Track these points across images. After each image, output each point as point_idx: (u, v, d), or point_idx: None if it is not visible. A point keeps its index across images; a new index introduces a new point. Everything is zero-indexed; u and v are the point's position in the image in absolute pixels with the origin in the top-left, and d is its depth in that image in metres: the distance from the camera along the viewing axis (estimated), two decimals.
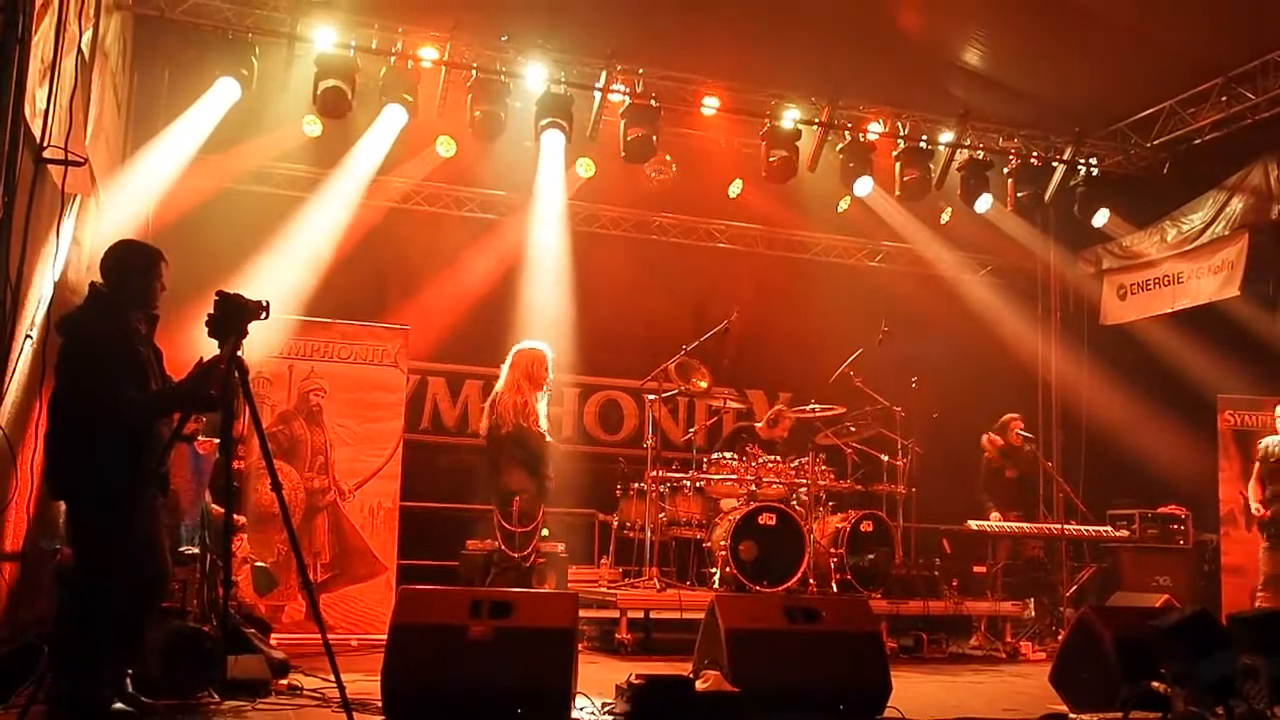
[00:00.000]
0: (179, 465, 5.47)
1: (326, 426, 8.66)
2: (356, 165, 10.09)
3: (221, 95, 8.97)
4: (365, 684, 5.34)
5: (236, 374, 4.83)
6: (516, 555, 7.64)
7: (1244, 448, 9.81)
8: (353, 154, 10.05)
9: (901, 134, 10.88)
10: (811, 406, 9.86)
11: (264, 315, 4.94)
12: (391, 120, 9.65)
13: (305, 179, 10.34)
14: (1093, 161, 11.33)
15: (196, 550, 5.85)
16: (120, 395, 4.69)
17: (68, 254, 6.47)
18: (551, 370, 7.93)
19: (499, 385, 7.84)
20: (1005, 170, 11.30)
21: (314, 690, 5.66)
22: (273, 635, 6.66)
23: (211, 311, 4.87)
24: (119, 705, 4.83)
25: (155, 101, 9.13)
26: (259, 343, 8.00)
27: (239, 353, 4.83)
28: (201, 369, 4.81)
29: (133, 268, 4.98)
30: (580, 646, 5.44)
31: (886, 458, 9.81)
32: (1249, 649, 3.58)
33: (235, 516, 5.51)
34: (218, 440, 5.30)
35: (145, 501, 4.71)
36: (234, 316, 4.83)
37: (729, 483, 9.29)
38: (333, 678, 4.95)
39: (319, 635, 4.87)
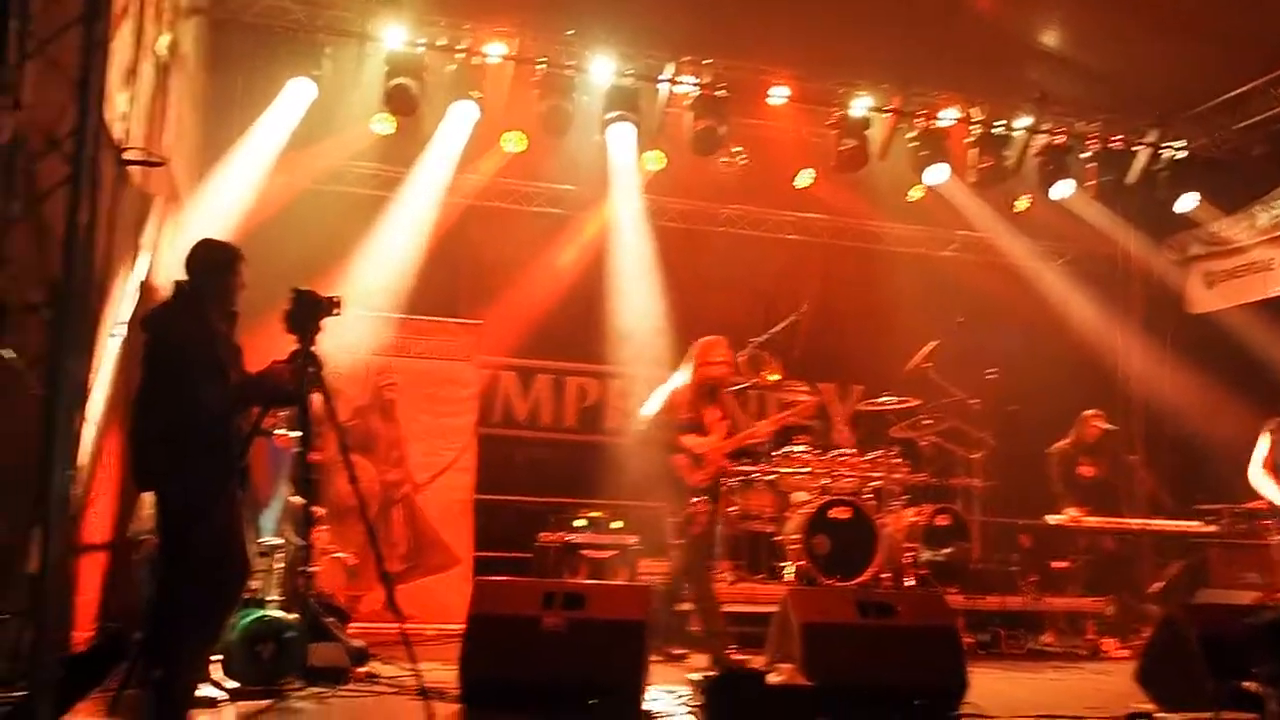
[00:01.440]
0: (258, 459, 5.57)
1: (400, 421, 8.77)
2: (429, 163, 10.15)
3: (297, 96, 9.09)
4: (441, 673, 5.40)
5: (312, 368, 4.90)
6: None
7: None
8: (425, 152, 10.12)
9: (976, 120, 10.70)
10: (883, 399, 9.77)
11: (337, 311, 5.03)
12: (461, 117, 9.71)
13: (380, 177, 10.43)
14: (1177, 145, 11.00)
15: (278, 541, 5.96)
16: (200, 389, 4.78)
17: (151, 254, 6.64)
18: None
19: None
20: (1084, 156, 11.08)
21: (391, 678, 5.74)
22: (351, 625, 6.76)
23: (287, 307, 4.96)
24: (205, 692, 4.93)
25: (231, 104, 9.26)
26: (334, 339, 8.17)
27: (314, 348, 4.91)
28: (277, 364, 4.89)
29: (212, 265, 5.08)
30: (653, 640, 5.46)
31: (962, 451, 9.69)
32: None
33: (314, 508, 5.60)
34: (296, 434, 5.40)
35: (226, 494, 4.80)
36: (309, 312, 4.92)
37: (801, 476, 9.24)
38: (410, 666, 5.03)
39: (396, 625, 4.94)
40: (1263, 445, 7.12)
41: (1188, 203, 11.11)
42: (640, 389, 11.43)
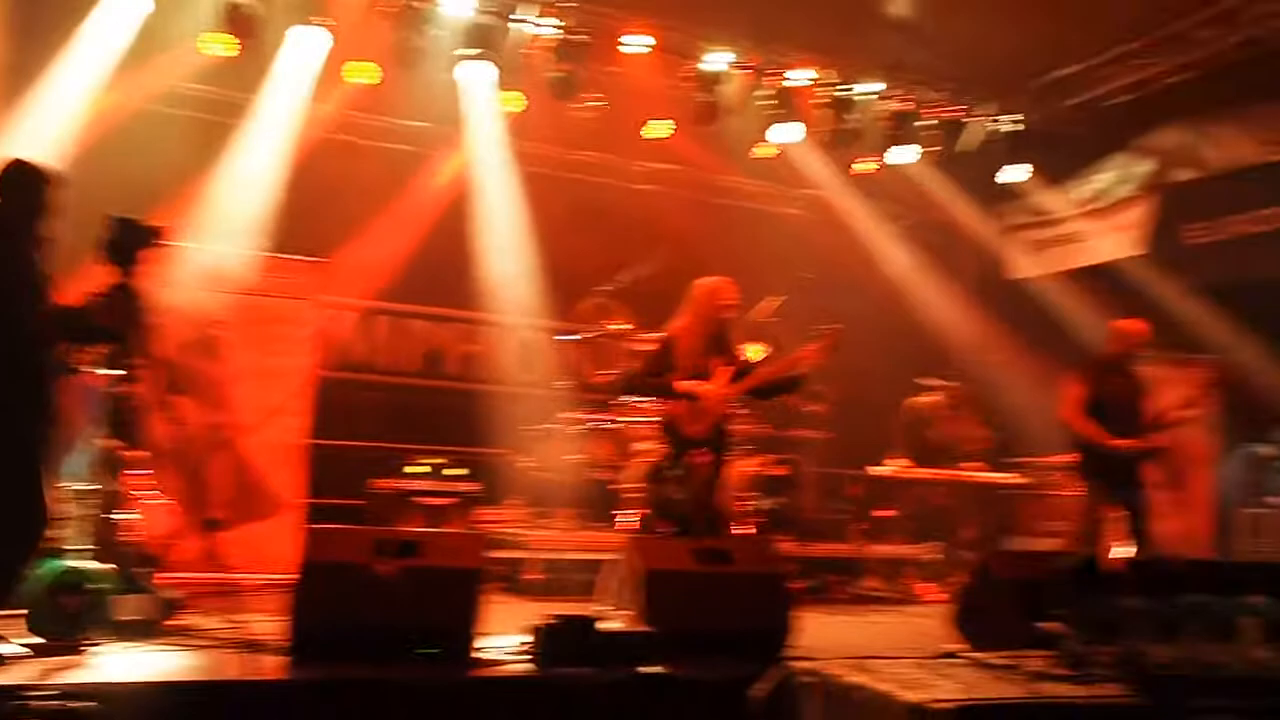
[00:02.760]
0: (68, 398, 5.25)
1: (229, 360, 8.42)
2: (275, 91, 9.74)
3: (125, 6, 8.56)
4: (265, 623, 5.22)
5: (130, 303, 4.65)
6: None
7: None
8: (270, 79, 9.69)
9: (828, 81, 10.86)
10: None
11: (160, 242, 4.77)
12: (308, 44, 9.35)
13: (221, 102, 9.94)
14: (1011, 118, 11.48)
15: (87, 486, 5.64)
16: (17, 308, 4.47)
17: None
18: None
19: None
20: (926, 124, 11.35)
21: (209, 629, 5.52)
22: (170, 574, 6.48)
23: (105, 236, 4.68)
24: (6, 648, 4.67)
25: (47, 15, 8.70)
26: (157, 271, 7.79)
27: (133, 281, 4.65)
28: (93, 297, 4.61)
29: (20, 185, 4.73)
30: (489, 587, 5.38)
31: (803, 404, 9.84)
32: (1135, 591, 3.77)
33: (127, 452, 5.32)
34: (110, 372, 5.12)
35: (31, 434, 4.51)
36: (128, 242, 4.66)
37: (643, 425, 9.24)
38: (230, 617, 4.85)
39: (217, 574, 4.75)
40: (1077, 391, 7.61)
41: (1017, 174, 11.64)
42: (490, 335, 11.37)
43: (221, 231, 9.20)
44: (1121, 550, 7.90)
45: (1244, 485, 11.60)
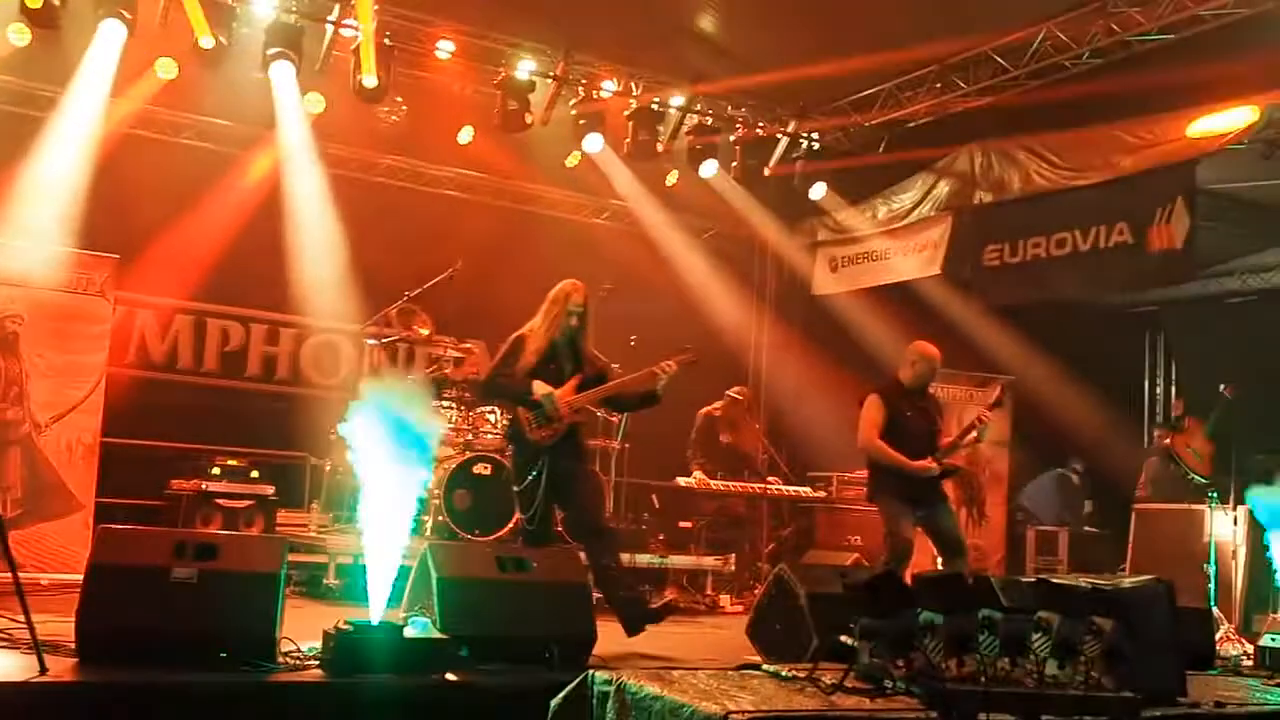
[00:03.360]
0: None
1: (23, 356, 8.16)
2: (77, 84, 9.45)
3: None
4: (58, 625, 5.12)
5: None
6: None
7: None
8: (72, 71, 9.40)
9: (634, 94, 11.09)
10: None
11: None
12: (109, 37, 9.11)
13: (18, 92, 9.70)
14: (814, 136, 11.85)
15: None
16: None
17: None
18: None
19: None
20: (731, 139, 11.69)
21: (1, 630, 5.38)
22: None
23: None
24: None
25: None
26: None
27: None
28: None
29: None
30: (288, 591, 5.37)
31: (601, 413, 10.03)
32: (930, 607, 3.89)
33: None
34: None
35: None
36: None
37: (446, 431, 9.31)
38: (22, 618, 4.76)
39: (7, 574, 4.66)
40: (875, 414, 7.75)
41: (818, 191, 11.95)
42: (293, 336, 11.22)
43: (18, 226, 8.89)
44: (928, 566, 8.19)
45: (1052, 505, 12.30)
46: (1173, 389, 14.07)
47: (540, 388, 6.62)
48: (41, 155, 9.41)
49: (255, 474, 9.17)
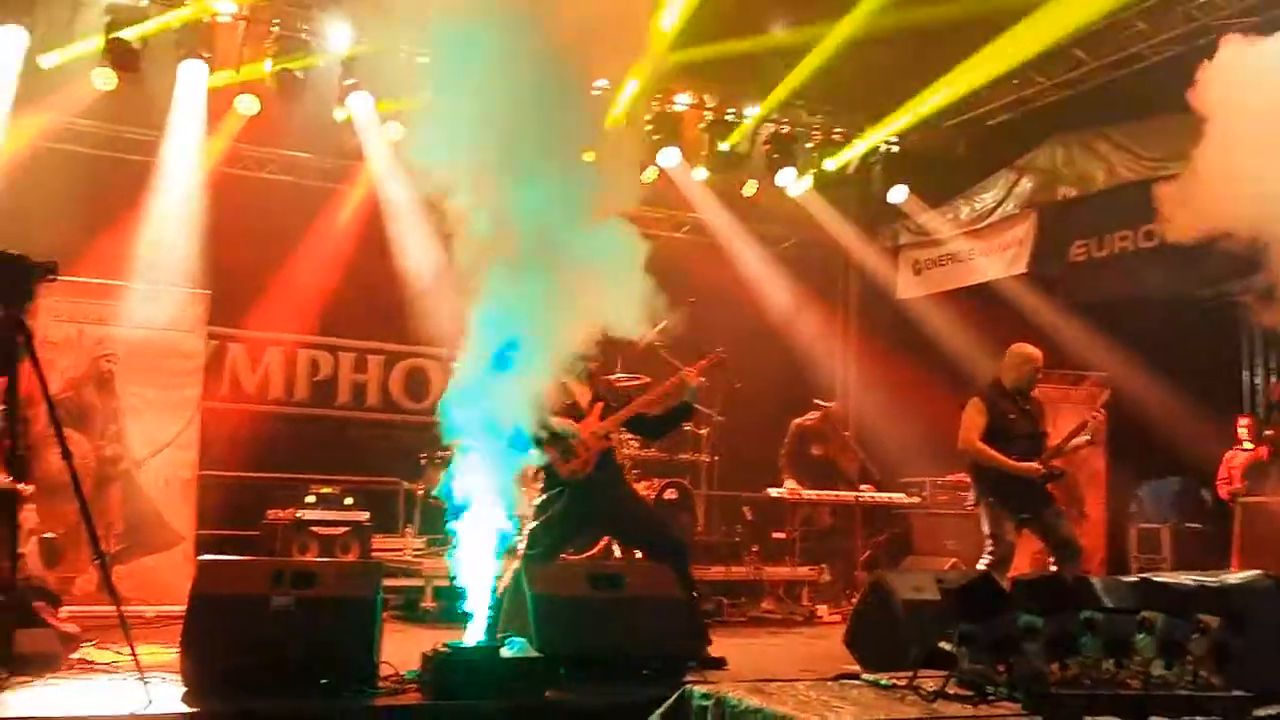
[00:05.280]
0: None
1: (119, 393, 8.34)
2: (170, 125, 9.74)
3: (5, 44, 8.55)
4: (162, 655, 5.21)
5: (20, 338, 4.64)
6: None
7: None
8: (158, 113, 9.67)
9: (708, 106, 11.04)
10: (617, 375, 9.96)
11: (51, 278, 4.77)
12: (191, 77, 9.36)
13: (102, 135, 9.94)
14: (892, 139, 11.71)
15: None
16: None
17: None
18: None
19: None
20: (809, 146, 11.59)
21: (107, 663, 5.48)
22: (64, 608, 6.41)
23: None
24: None
25: None
26: (46, 306, 7.71)
27: (23, 316, 4.65)
28: None
29: None
30: (386, 616, 5.40)
31: (690, 426, 9.99)
32: (1030, 609, 3.79)
33: (21, 486, 5.27)
34: (2, 407, 5.09)
35: None
36: (18, 277, 4.64)
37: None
38: (127, 650, 4.83)
39: (113, 607, 4.74)
40: (977, 416, 7.61)
41: (899, 194, 11.80)
42: (379, 361, 11.33)
43: (109, 265, 9.10)
44: (1037, 568, 8.01)
45: (1162, 505, 11.97)
46: (1271, 378, 13.63)
47: (560, 421, 6.28)
48: (132, 195, 9.65)
49: (349, 500, 9.25)
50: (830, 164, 11.59)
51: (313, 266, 10.53)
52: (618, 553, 8.70)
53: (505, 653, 5.18)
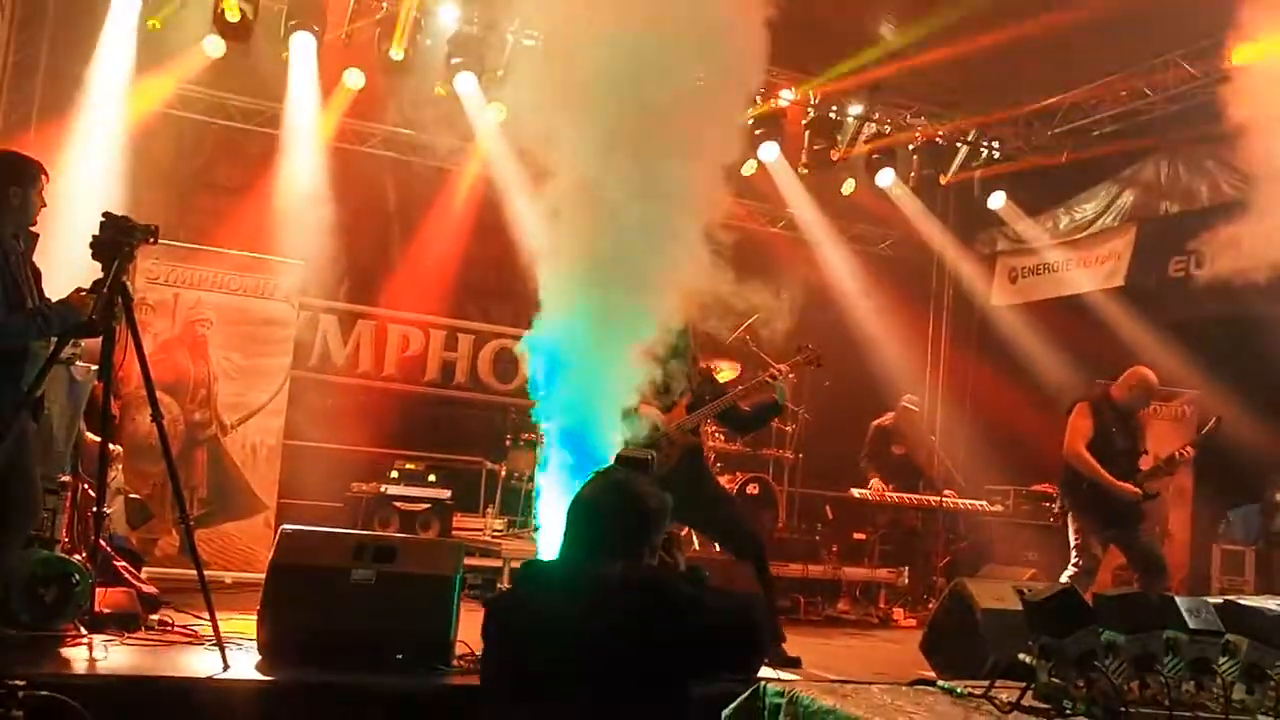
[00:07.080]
0: (54, 390, 5.25)
1: (211, 359, 8.45)
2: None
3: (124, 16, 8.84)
4: (240, 622, 5.24)
5: (119, 299, 4.67)
6: None
7: None
8: (261, 81, 9.77)
9: (812, 102, 10.91)
10: (716, 365, 9.89)
11: (152, 240, 4.80)
12: (301, 49, 9.38)
13: (209, 102, 10.03)
14: (994, 145, 11.52)
15: (68, 478, 5.65)
16: None
17: None
18: None
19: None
20: (910, 147, 11.43)
21: (186, 626, 5.53)
22: (145, 569, 6.50)
23: (96, 233, 4.70)
24: None
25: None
26: (144, 269, 7.82)
27: (124, 277, 4.68)
28: (81, 292, 4.63)
29: (11, 179, 4.73)
30: (463, 595, 5.37)
31: (776, 423, 9.88)
32: (1112, 626, 3.68)
33: (111, 446, 5.32)
34: (96, 366, 5.14)
35: (17, 426, 4.52)
36: (119, 239, 4.67)
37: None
38: (206, 614, 4.86)
39: (193, 571, 4.76)
40: (1084, 423, 7.52)
41: (998, 200, 11.61)
42: (470, 340, 11.36)
43: (205, 231, 9.22)
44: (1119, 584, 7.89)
45: (1249, 528, 11.67)
46: None
47: (645, 410, 6.01)
48: (234, 162, 9.80)
49: (432, 478, 9.29)
50: (930, 167, 11.40)
51: (426, 244, 10.58)
52: (696, 544, 8.62)
53: None
